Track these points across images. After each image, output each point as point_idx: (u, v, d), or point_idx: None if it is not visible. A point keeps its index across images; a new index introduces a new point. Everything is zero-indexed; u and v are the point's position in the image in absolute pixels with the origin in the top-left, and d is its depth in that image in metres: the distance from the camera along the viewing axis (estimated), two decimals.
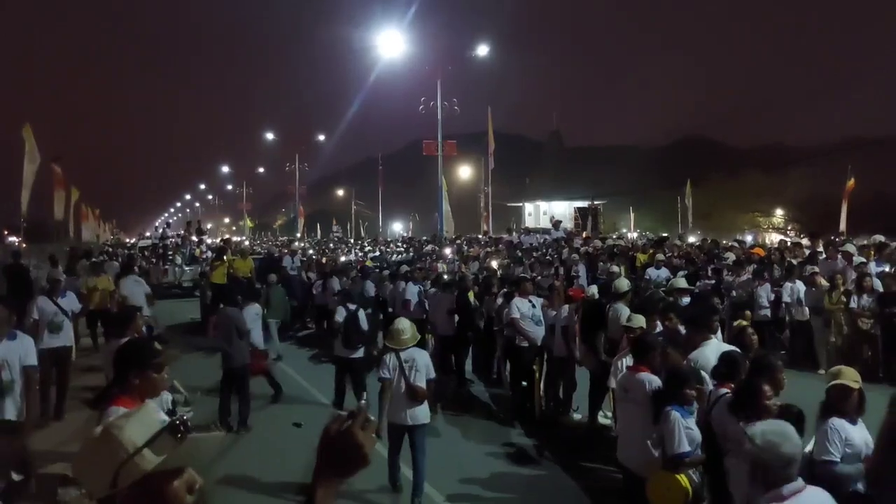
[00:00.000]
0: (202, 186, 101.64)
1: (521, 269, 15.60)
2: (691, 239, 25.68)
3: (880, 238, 15.29)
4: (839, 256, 13.66)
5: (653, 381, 5.45)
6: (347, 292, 11.92)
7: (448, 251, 23.03)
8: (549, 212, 56.25)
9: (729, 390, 5.04)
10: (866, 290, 11.78)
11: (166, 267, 26.36)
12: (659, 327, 7.71)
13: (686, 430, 4.89)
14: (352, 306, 10.57)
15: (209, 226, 54.85)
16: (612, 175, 74.17)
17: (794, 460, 3.24)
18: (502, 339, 11.17)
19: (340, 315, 10.52)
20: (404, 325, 7.51)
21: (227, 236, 40.55)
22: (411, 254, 25.06)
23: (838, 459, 4.36)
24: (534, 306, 10.21)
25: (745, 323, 6.41)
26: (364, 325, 10.51)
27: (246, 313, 10.44)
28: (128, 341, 4.85)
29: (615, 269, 13.96)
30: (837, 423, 4.44)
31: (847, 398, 4.54)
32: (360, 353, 10.39)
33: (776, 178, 61.16)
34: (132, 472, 1.66)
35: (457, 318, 12.07)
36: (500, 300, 11.58)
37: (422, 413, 7.07)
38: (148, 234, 41.70)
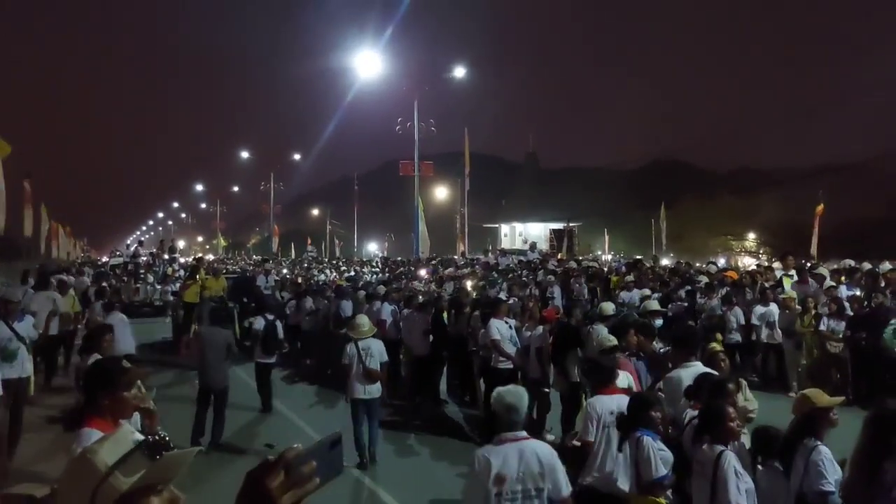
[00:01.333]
0: (175, 204, 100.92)
1: (496, 291, 15.61)
2: (664, 261, 25.87)
3: (850, 262, 15.54)
4: (811, 280, 13.85)
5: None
6: (265, 304, 13.47)
7: (424, 272, 23.01)
8: (524, 233, 56.42)
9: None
10: (835, 313, 11.96)
11: (138, 286, 26.02)
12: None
13: (659, 452, 4.89)
14: (270, 316, 11.85)
15: (182, 244, 54.34)
16: (588, 197, 74.78)
17: (514, 409, 4.20)
18: (478, 359, 11.16)
19: (259, 324, 11.68)
20: (363, 319, 9.42)
21: (200, 255, 40.16)
22: (387, 274, 25.02)
23: (834, 489, 4.26)
24: (510, 328, 10.23)
25: (717, 347, 6.45)
26: (280, 334, 11.85)
27: (111, 318, 11.04)
28: (95, 362, 4.77)
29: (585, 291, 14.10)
30: (825, 450, 4.41)
31: (827, 420, 4.56)
32: (274, 359, 11.84)
33: (748, 201, 62.07)
34: (108, 494, 1.63)
35: (431, 338, 12.09)
36: (472, 321, 11.64)
37: (375, 389, 8.85)
38: (119, 251, 41.16)
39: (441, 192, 54.64)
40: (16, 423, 8.63)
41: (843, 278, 14.10)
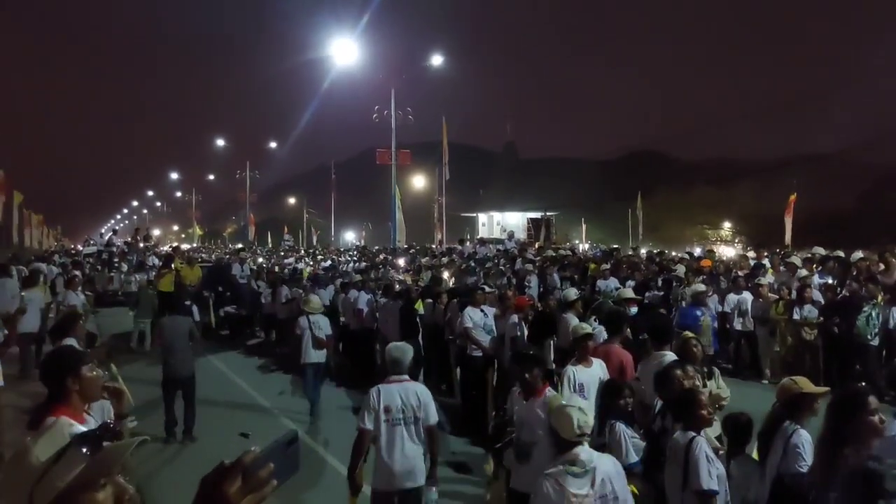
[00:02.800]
0: (150, 193, 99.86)
1: (473, 280, 15.61)
2: (642, 251, 26.04)
3: (821, 251, 15.69)
4: (782, 268, 14.00)
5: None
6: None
7: (401, 261, 22.95)
8: (502, 222, 56.53)
9: None
10: (807, 301, 12.09)
11: (112, 274, 25.70)
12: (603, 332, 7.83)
13: (631, 439, 4.91)
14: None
15: (157, 233, 53.77)
16: (565, 187, 75.06)
17: (398, 361, 5.47)
18: (455, 348, 11.15)
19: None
20: (314, 298, 11.44)
21: (175, 244, 39.75)
22: (364, 263, 24.93)
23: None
24: (486, 316, 10.23)
25: (689, 334, 6.48)
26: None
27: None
28: (49, 352, 4.67)
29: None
30: (805, 434, 4.43)
31: (810, 407, 4.58)
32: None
33: (724, 191, 62.74)
34: (46, 493, 1.57)
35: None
36: (447, 310, 11.65)
37: (322, 354, 10.83)
38: (93, 240, 40.63)
39: (419, 181, 54.52)
40: None
41: (815, 266, 14.24)
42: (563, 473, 3.88)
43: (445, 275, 16.58)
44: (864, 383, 5.29)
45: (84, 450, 1.60)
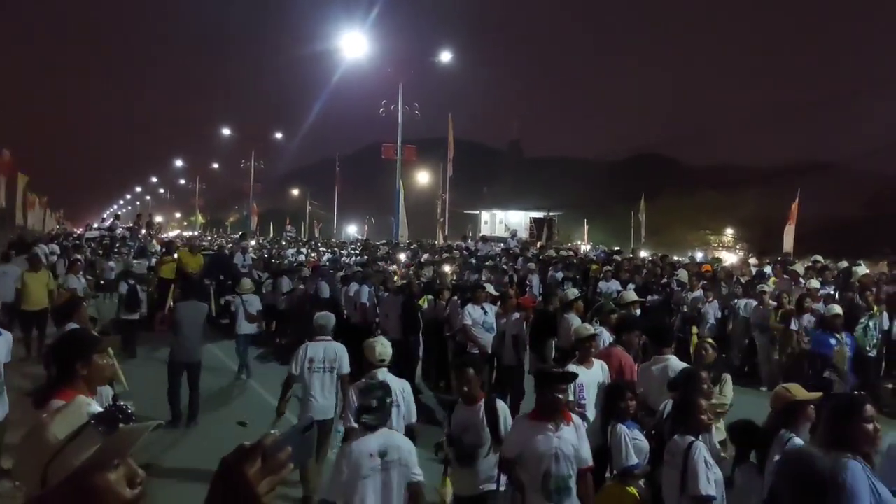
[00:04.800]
0: (154, 179, 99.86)
1: (475, 277, 15.62)
2: (643, 254, 26.03)
3: (819, 259, 15.63)
4: (785, 276, 13.99)
5: None
6: (129, 271, 15.70)
7: (403, 256, 22.94)
8: (505, 221, 56.50)
9: None
10: (806, 311, 12.03)
11: (109, 262, 25.58)
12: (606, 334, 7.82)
13: (633, 441, 4.92)
14: (131, 282, 14.28)
15: (159, 219, 53.70)
16: (569, 187, 74.96)
17: (323, 326, 7.41)
18: (454, 344, 11.16)
19: (123, 288, 14.11)
20: (246, 280, 13.70)
21: (176, 232, 39.77)
22: (365, 256, 24.91)
23: None
24: (486, 313, 10.23)
25: (707, 340, 6.52)
26: (141, 296, 14.42)
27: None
28: (64, 333, 4.70)
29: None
30: (800, 442, 4.42)
31: (805, 414, 4.59)
32: (136, 315, 14.19)
33: (728, 197, 62.58)
34: (60, 469, 1.59)
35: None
36: (448, 307, 11.65)
37: (253, 327, 12.98)
38: (95, 224, 40.61)
39: (423, 177, 54.52)
40: None
41: (816, 275, 14.20)
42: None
43: (447, 269, 16.59)
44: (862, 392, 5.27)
45: (101, 430, 1.62)
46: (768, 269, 15.63)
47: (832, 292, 12.93)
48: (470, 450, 5.11)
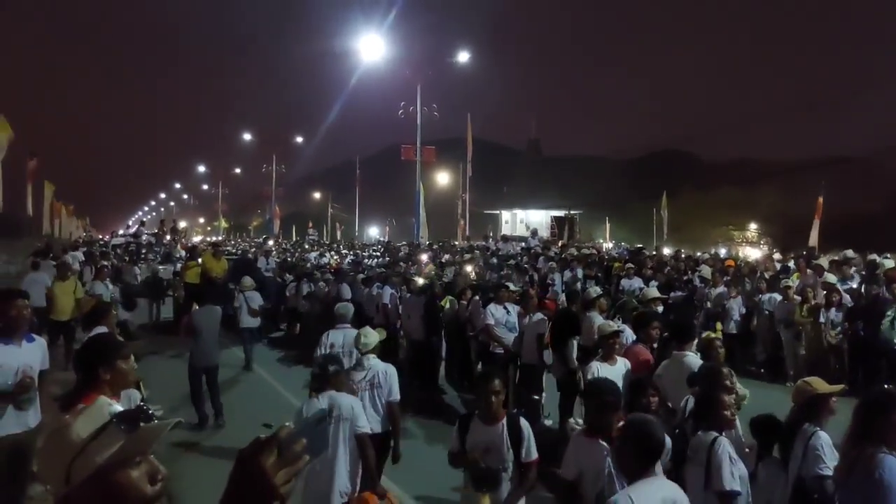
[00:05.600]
0: (178, 185, 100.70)
1: (496, 276, 15.63)
2: (666, 251, 25.88)
3: (850, 254, 15.48)
4: (809, 271, 13.86)
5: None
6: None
7: (424, 257, 22.99)
8: (525, 220, 56.36)
9: None
10: (834, 304, 11.98)
11: (137, 268, 25.87)
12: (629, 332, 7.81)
13: None
14: (119, 285, 15.67)
15: (183, 224, 54.17)
16: (589, 185, 74.73)
17: (342, 314, 8.33)
18: (476, 344, 11.18)
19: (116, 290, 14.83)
20: (247, 279, 14.45)
21: (200, 237, 40.11)
22: (387, 258, 25.00)
23: (832, 474, 4.21)
24: (508, 312, 10.25)
25: (713, 335, 6.47)
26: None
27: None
28: (89, 338, 4.76)
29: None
30: (824, 436, 4.42)
31: (827, 407, 4.58)
32: (129, 315, 14.84)
33: (750, 192, 62.06)
34: (84, 468, 1.63)
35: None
36: (470, 307, 11.68)
37: (256, 321, 14.06)
38: (121, 231, 41.03)
39: (443, 178, 54.51)
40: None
41: (852, 270, 13.98)
42: (353, 370, 6.42)
43: (468, 269, 16.61)
44: (892, 386, 5.23)
45: (123, 428, 1.66)
46: (792, 265, 15.48)
47: (855, 286, 12.80)
48: (493, 473, 4.70)
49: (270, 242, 34.75)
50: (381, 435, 6.35)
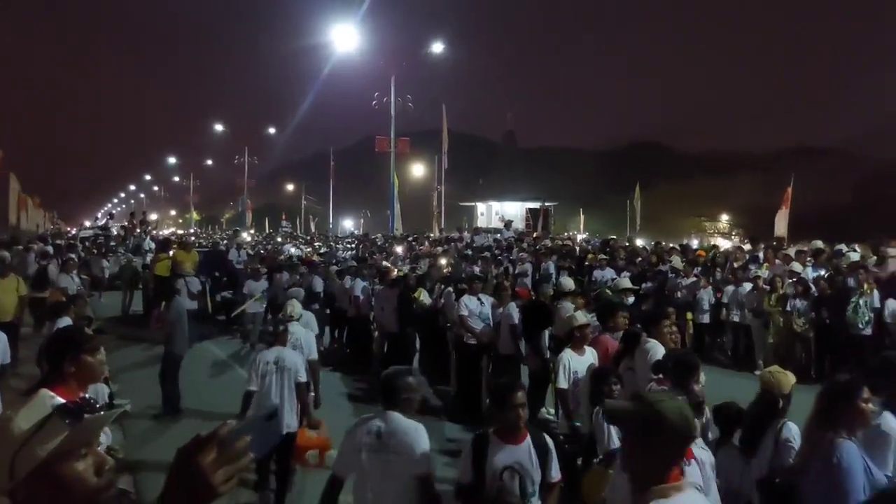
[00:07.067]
0: (148, 177, 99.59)
1: (470, 268, 15.61)
2: (639, 242, 26.05)
3: (818, 244, 15.69)
4: (777, 261, 14.06)
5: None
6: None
7: (399, 249, 22.92)
8: (500, 212, 56.40)
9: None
10: (800, 293, 12.16)
11: (104, 261, 25.48)
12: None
13: None
14: (44, 262, 15.67)
15: (154, 217, 53.59)
16: (564, 177, 74.97)
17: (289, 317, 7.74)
18: (451, 335, 11.17)
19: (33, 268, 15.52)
20: (187, 264, 15.25)
21: (171, 230, 39.71)
22: (361, 250, 24.88)
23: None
24: (482, 304, 10.24)
25: (666, 323, 6.47)
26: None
27: None
28: (56, 331, 4.67)
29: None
30: (793, 426, 4.43)
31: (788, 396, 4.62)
32: (46, 293, 14.00)
33: (722, 184, 62.74)
34: (27, 461, 1.60)
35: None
36: (442, 298, 11.65)
37: (193, 304, 13.31)
38: (89, 223, 40.49)
39: (418, 170, 54.42)
40: None
41: (808, 259, 14.25)
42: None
43: (443, 262, 16.58)
44: (858, 373, 5.27)
45: (65, 420, 1.63)
46: (761, 255, 15.65)
47: (824, 274, 12.98)
48: (524, 499, 4.16)
49: (244, 235, 34.46)
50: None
